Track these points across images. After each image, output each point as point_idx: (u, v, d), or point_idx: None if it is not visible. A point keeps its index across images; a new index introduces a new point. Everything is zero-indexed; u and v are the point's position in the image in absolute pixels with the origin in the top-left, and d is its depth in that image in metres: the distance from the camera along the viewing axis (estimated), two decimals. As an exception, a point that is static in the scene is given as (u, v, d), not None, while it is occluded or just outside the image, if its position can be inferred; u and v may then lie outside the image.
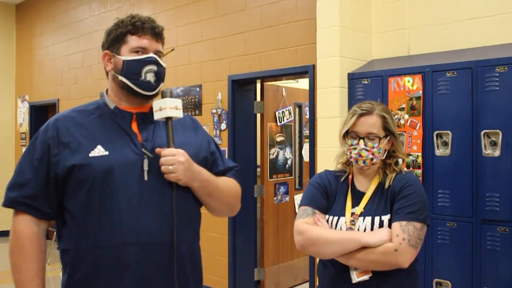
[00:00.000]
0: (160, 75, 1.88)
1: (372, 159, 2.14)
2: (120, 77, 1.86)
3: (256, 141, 5.77)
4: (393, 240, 1.99)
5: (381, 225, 2.07)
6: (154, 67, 1.86)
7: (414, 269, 2.15)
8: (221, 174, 2.02)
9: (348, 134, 2.20)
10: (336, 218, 2.15)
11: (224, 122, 5.54)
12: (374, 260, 1.99)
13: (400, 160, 2.24)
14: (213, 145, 2.05)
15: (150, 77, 1.85)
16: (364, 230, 2.08)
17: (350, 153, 2.17)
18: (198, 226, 1.97)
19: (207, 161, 1.97)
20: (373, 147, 2.14)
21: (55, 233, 2.00)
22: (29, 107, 9.11)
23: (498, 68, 3.28)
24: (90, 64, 7.58)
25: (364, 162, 2.15)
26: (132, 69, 1.84)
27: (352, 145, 2.16)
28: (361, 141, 2.15)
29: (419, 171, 3.56)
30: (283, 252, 5.98)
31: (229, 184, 2.00)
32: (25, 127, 9.21)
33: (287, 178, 6.09)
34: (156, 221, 1.77)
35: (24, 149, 8.09)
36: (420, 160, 3.58)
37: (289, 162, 6.11)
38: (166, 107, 1.82)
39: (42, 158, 1.79)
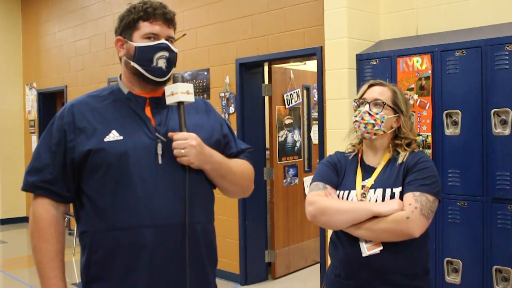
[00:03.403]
0: (171, 61, 1.90)
1: (374, 125, 2.16)
2: (132, 63, 1.88)
3: (265, 124, 5.79)
4: (405, 208, 2.00)
5: (392, 196, 2.08)
6: (166, 53, 1.87)
7: (425, 244, 2.16)
8: (234, 156, 2.04)
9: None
10: (347, 192, 2.17)
11: (233, 105, 5.55)
12: (385, 228, 2.00)
13: (412, 143, 2.25)
14: (225, 127, 2.07)
15: (162, 63, 1.86)
16: (376, 202, 2.09)
17: (355, 117, 2.21)
18: (211, 208, 2.00)
19: (220, 143, 1.99)
20: (376, 113, 2.17)
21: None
22: (37, 94, 9.14)
23: (507, 47, 3.26)
24: (97, 50, 7.58)
25: (365, 127, 2.17)
26: (144, 55, 1.86)
27: (358, 110, 2.22)
28: (367, 105, 2.20)
29: (429, 151, 3.57)
30: (293, 234, 6.02)
31: (242, 166, 2.03)
32: (34, 115, 9.25)
33: (296, 160, 6.11)
34: (170, 203, 1.80)
35: (33, 136, 8.14)
36: (430, 140, 3.58)
37: (298, 144, 6.12)
38: (178, 92, 1.83)
39: (59, 143, 1.83)
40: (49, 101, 9.02)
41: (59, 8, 8.48)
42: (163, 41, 1.88)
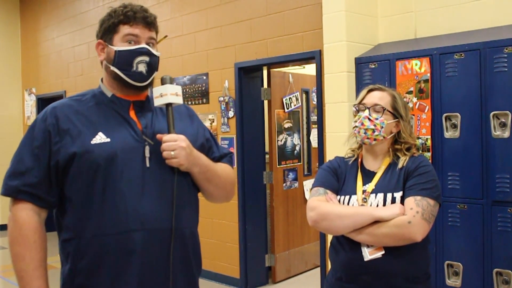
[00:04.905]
0: (152, 65, 1.88)
1: (373, 131, 2.16)
2: (112, 67, 1.86)
3: (264, 128, 5.79)
4: (407, 213, 2.00)
5: (393, 201, 2.09)
6: (146, 58, 1.85)
7: (426, 247, 2.17)
8: (216, 160, 2.03)
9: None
10: (347, 197, 2.17)
11: (232, 109, 5.55)
12: (386, 233, 2.00)
13: (412, 148, 2.26)
14: (207, 132, 2.07)
15: (142, 68, 1.84)
16: (377, 206, 2.09)
17: (355, 123, 2.21)
18: (198, 212, 1.99)
19: (203, 147, 1.99)
20: (376, 119, 2.17)
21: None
22: (36, 100, 9.12)
23: (506, 49, 3.26)
24: (95, 55, 7.49)
25: (365, 132, 2.17)
26: (123, 60, 1.84)
27: (357, 115, 2.23)
28: (366, 110, 2.21)
29: (428, 154, 3.56)
30: (294, 237, 6.01)
31: (225, 170, 2.02)
32: (33, 120, 9.22)
33: (296, 164, 6.10)
34: (159, 207, 1.79)
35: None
36: (429, 143, 3.57)
37: (297, 148, 6.12)
38: (167, 94, 1.83)
39: (43, 146, 1.78)
40: (48, 106, 8.99)
41: (58, 13, 8.49)
42: (143, 45, 1.86)
